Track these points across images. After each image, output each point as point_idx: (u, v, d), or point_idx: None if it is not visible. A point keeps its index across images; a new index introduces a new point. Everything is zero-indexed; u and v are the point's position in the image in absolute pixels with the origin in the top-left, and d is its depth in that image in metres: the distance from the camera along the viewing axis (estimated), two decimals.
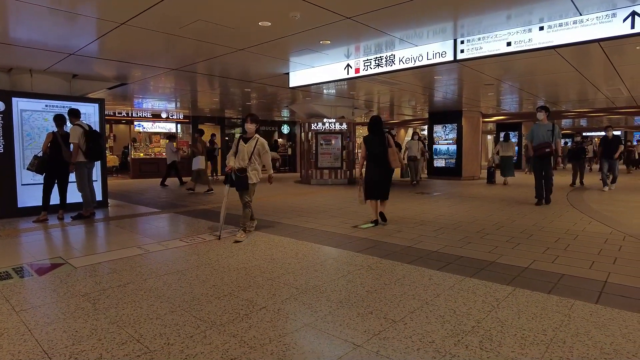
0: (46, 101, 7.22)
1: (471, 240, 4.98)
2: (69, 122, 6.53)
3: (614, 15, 4.68)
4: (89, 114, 7.61)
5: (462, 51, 5.93)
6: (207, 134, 17.25)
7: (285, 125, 21.02)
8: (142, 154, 15.88)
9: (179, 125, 18.29)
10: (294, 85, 8.54)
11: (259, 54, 6.66)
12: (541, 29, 5.22)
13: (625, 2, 4.56)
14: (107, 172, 8.35)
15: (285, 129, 21.11)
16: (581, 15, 4.90)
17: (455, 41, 5.98)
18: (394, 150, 5.82)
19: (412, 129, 20.38)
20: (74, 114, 6.53)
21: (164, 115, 17.57)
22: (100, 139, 6.79)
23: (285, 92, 10.95)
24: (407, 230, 5.58)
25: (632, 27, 4.59)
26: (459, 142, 14.71)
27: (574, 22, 4.97)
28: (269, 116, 19.06)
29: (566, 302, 2.95)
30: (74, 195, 6.75)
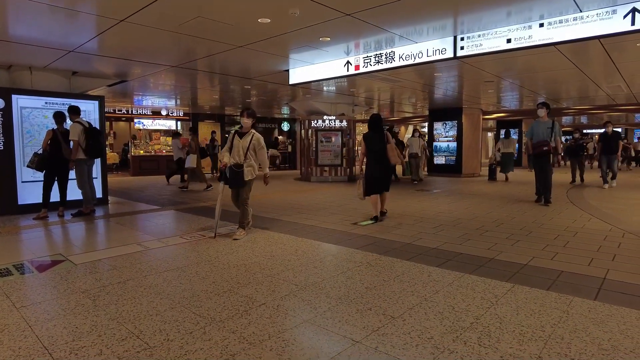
0: (46, 98, 7.21)
1: (471, 237, 4.99)
2: (68, 120, 6.53)
3: (614, 11, 4.67)
4: (89, 111, 7.61)
5: (462, 48, 5.92)
6: (207, 131, 17.28)
7: (285, 122, 21.02)
8: (142, 151, 15.88)
9: (179, 122, 18.31)
10: (294, 82, 8.53)
11: (259, 50, 6.65)
12: (541, 25, 5.21)
13: None
14: (107, 170, 8.35)
15: (285, 126, 21.10)
16: (581, 11, 4.89)
17: (455, 38, 5.97)
18: (392, 147, 5.92)
19: (412, 126, 20.38)
20: (74, 111, 6.53)
21: (164, 112, 17.57)
22: (100, 136, 6.80)
23: (285, 89, 10.94)
24: (407, 227, 5.59)
25: (633, 23, 4.58)
26: (459, 139, 14.71)
27: (574, 18, 4.96)
28: (269, 113, 19.04)
29: (565, 298, 2.96)
30: (74, 192, 6.75)
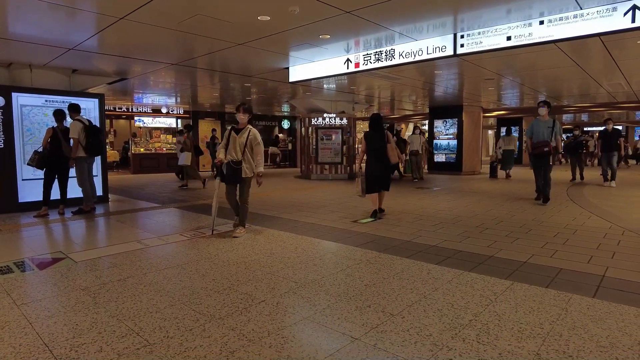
0: (46, 96, 7.21)
1: (470, 234, 4.99)
2: (68, 117, 6.53)
3: (615, 9, 4.66)
4: (89, 109, 7.61)
5: (462, 45, 5.91)
6: (208, 129, 17.28)
7: (285, 120, 21.00)
8: (142, 149, 15.89)
9: (179, 120, 18.30)
10: (294, 80, 8.52)
11: (259, 48, 6.64)
12: (541, 23, 5.19)
13: None
14: (107, 167, 8.36)
15: (285, 124, 21.08)
16: (581, 9, 4.87)
17: (455, 35, 5.96)
18: (393, 146, 6.04)
19: (412, 124, 20.34)
20: (74, 108, 6.52)
21: (164, 110, 17.57)
22: (100, 134, 6.79)
23: (285, 87, 10.93)
24: (407, 224, 5.60)
25: (633, 21, 4.57)
26: (459, 136, 14.70)
27: (574, 16, 4.95)
28: (270, 111, 19.03)
29: (564, 296, 2.96)
30: (75, 190, 6.76)
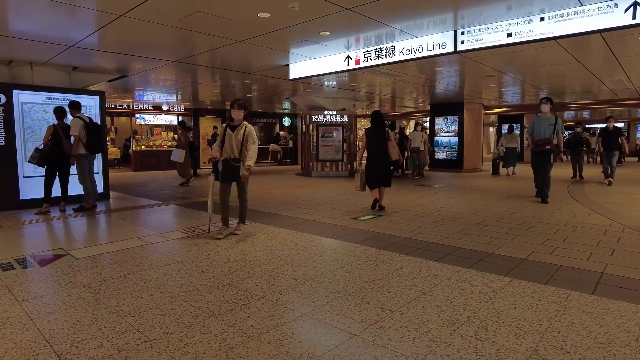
0: (47, 93, 7.22)
1: (470, 231, 5.00)
2: (69, 115, 6.54)
3: (615, 5, 4.63)
4: (90, 107, 7.61)
5: (462, 42, 5.89)
6: (209, 126, 17.28)
7: (286, 117, 20.99)
8: (143, 147, 15.89)
9: (180, 117, 18.29)
10: (294, 76, 8.51)
11: (259, 45, 6.63)
12: (542, 19, 5.17)
13: None
14: (108, 165, 8.37)
15: (286, 122, 21.08)
16: (582, 5, 4.85)
17: (455, 32, 5.94)
18: (393, 143, 6.24)
19: (413, 121, 20.32)
20: (75, 106, 6.53)
21: (165, 107, 17.57)
22: (100, 132, 6.80)
23: (286, 84, 10.92)
24: (407, 221, 5.61)
25: (634, 17, 4.54)
26: (460, 134, 14.66)
27: (575, 12, 4.93)
28: (271, 108, 19.02)
29: (562, 292, 2.97)
30: (76, 187, 6.78)
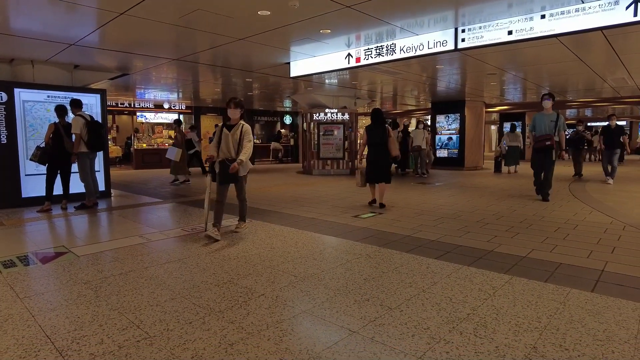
0: (48, 92, 7.23)
1: (470, 229, 5.00)
2: (70, 113, 6.56)
3: (617, 2, 4.62)
4: (91, 105, 7.62)
5: (463, 40, 5.89)
6: (210, 124, 17.30)
7: (287, 115, 20.99)
8: (144, 145, 15.91)
9: (181, 115, 18.30)
10: (295, 75, 8.51)
11: (260, 43, 6.63)
12: (543, 17, 5.16)
13: None
14: (109, 163, 8.39)
15: (287, 120, 21.08)
16: (583, 2, 4.84)
17: (456, 30, 5.93)
18: (393, 140, 6.31)
19: (415, 119, 20.30)
20: (76, 104, 6.54)
21: (166, 105, 17.58)
22: (101, 130, 6.82)
23: (286, 82, 10.92)
24: (407, 219, 5.61)
25: (635, 14, 4.54)
26: (461, 132, 14.64)
27: (576, 10, 4.92)
28: (272, 106, 19.02)
29: (562, 290, 2.97)
30: (77, 185, 6.80)
